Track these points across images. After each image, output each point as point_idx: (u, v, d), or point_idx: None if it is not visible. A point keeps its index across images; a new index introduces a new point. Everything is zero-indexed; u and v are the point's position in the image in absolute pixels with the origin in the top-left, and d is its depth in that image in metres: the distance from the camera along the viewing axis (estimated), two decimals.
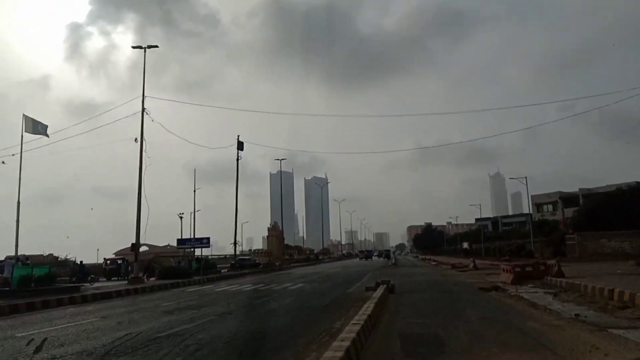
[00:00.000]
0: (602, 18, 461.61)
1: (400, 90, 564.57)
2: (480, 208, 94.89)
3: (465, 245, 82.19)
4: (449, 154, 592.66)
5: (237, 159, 44.77)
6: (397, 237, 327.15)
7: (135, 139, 28.71)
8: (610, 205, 44.63)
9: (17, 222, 41.29)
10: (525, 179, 55.42)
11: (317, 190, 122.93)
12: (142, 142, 28.53)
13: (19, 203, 39.60)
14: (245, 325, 11.33)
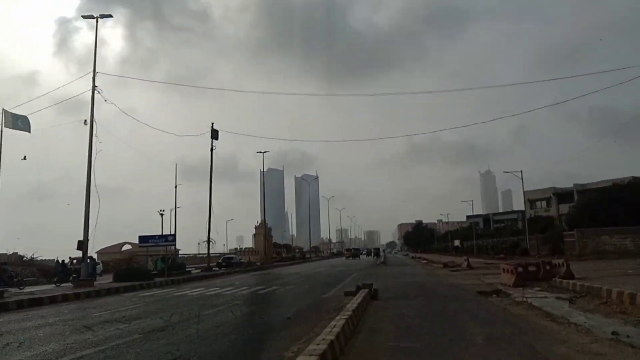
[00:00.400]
0: (592, 13, 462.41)
1: (393, 85, 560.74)
2: (472, 204, 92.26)
3: (457, 243, 79.79)
4: (440, 152, 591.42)
5: (211, 149, 41.57)
6: (388, 235, 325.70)
7: (85, 121, 25.24)
8: (608, 201, 42.81)
9: None
10: (521, 172, 52.96)
11: (308, 188, 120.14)
12: (92, 124, 25.00)
13: None
14: (168, 350, 8.29)
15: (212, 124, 41.91)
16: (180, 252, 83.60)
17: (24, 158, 29.18)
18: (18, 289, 23.53)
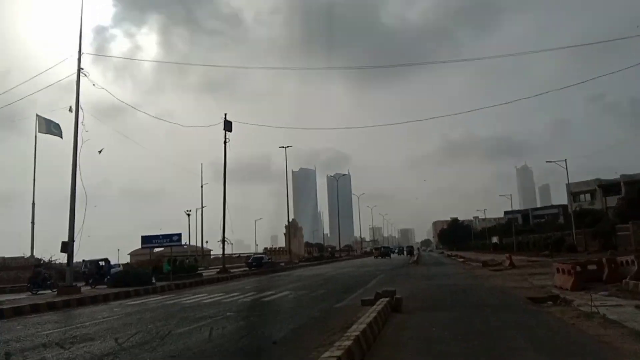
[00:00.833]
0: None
1: (426, 84, 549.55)
2: (511, 199, 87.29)
3: (495, 240, 75.17)
4: (475, 148, 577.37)
5: (225, 142, 38.81)
6: (423, 233, 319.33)
7: (70, 108, 22.59)
8: None
9: (32, 224, 37.96)
10: (565, 161, 48.62)
11: (340, 187, 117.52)
12: (78, 112, 22.27)
13: (33, 204, 37.14)
14: None
15: (225, 114, 39.22)
16: (212, 253, 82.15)
17: (100, 152, 31.49)
18: (51, 292, 22.83)
